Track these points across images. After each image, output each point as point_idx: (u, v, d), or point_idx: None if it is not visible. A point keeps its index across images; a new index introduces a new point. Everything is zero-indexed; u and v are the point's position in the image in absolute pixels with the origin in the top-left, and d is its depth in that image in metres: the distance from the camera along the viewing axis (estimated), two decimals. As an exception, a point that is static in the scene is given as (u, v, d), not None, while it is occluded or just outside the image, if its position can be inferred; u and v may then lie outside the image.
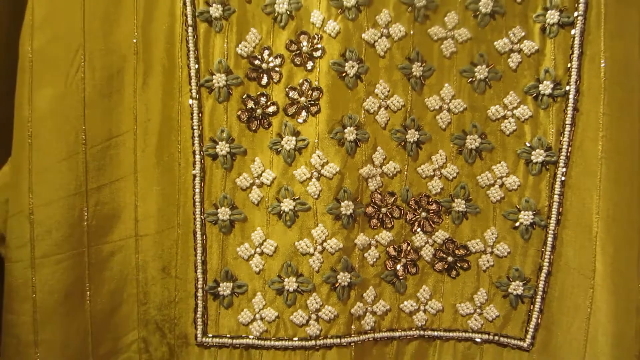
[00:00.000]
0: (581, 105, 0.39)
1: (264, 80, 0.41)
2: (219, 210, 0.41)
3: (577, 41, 0.39)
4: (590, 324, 0.40)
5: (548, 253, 0.41)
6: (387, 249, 0.42)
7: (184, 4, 0.40)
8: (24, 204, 0.39)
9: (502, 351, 0.43)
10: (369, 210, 0.42)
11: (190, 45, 0.40)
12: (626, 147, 0.38)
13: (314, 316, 0.41)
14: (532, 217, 0.41)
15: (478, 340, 0.42)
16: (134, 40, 0.40)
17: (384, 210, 0.41)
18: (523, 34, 0.40)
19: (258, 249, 0.42)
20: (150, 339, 0.43)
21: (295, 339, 0.41)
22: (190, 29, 0.40)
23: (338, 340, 0.42)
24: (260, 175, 0.41)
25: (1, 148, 0.43)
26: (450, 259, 0.41)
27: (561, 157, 0.40)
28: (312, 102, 0.39)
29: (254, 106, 0.40)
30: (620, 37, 0.39)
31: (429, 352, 0.43)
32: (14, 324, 0.40)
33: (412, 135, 0.40)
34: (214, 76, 0.40)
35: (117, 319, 0.42)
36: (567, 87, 0.39)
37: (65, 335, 0.41)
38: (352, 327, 0.42)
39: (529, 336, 0.42)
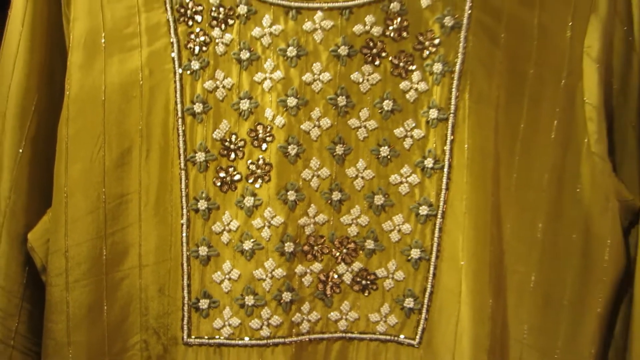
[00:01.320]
0: (452, 176, 0.52)
1: (232, 157, 0.52)
2: (199, 248, 0.53)
3: (449, 131, 0.51)
4: (457, 328, 0.52)
5: (430, 278, 0.53)
6: (319, 275, 0.54)
7: (175, 102, 0.52)
8: (61, 244, 0.51)
9: (399, 347, 0.54)
10: (305, 248, 0.53)
11: (180, 131, 0.52)
12: (481, 205, 0.51)
13: (265, 323, 0.53)
14: (420, 253, 0.53)
15: (383, 339, 0.54)
16: (140, 127, 0.52)
17: (316, 248, 0.53)
18: (414, 124, 0.52)
19: (227, 276, 0.53)
20: (149, 340, 0.54)
21: (253, 339, 0.53)
22: (180, 120, 0.52)
23: (283, 340, 0.53)
24: (229, 224, 0.53)
25: (43, 203, 0.54)
26: (364, 282, 0.54)
27: (439, 211, 0.52)
28: (265, 173, 0.52)
29: (224, 175, 0.53)
30: (479, 128, 0.52)
31: (349, 349, 0.55)
32: (52, 330, 0.52)
33: (336, 196, 0.53)
34: (196, 154, 0.52)
35: (125, 326, 0.54)
36: (444, 163, 0.52)
37: (89, 338, 0.53)
38: (293, 330, 0.54)
39: (417, 337, 0.54)
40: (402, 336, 0.54)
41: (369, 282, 0.54)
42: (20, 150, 0.53)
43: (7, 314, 0.53)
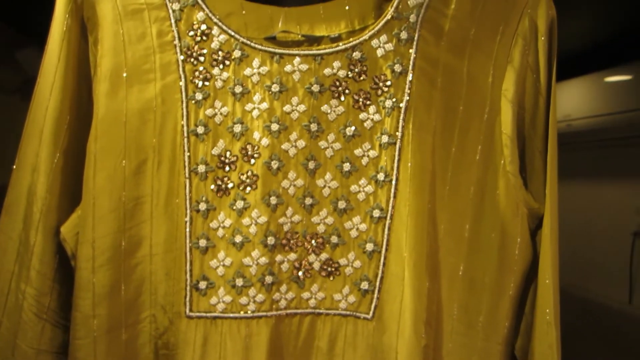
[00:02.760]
0: (398, 187, 0.62)
1: (227, 169, 0.63)
2: (199, 241, 0.62)
3: (397, 152, 0.62)
4: (402, 305, 0.61)
5: (381, 267, 0.63)
6: (294, 263, 0.64)
7: (182, 125, 0.62)
8: (89, 236, 0.60)
9: (357, 320, 0.64)
10: (284, 242, 0.63)
11: (185, 148, 0.62)
12: (420, 210, 0.62)
13: (252, 300, 0.62)
14: (373, 247, 0.63)
15: (344, 314, 0.64)
16: (153, 144, 0.62)
17: (292, 242, 0.64)
18: (370, 147, 0.63)
19: (221, 263, 0.63)
20: (157, 314, 0.62)
21: (242, 313, 0.63)
22: (185, 139, 0.62)
23: (265, 313, 0.63)
24: (223, 222, 0.63)
25: (71, 202, 0.64)
26: (329, 269, 0.64)
27: (388, 214, 0.63)
28: (253, 182, 0.63)
29: (220, 183, 0.63)
30: (420, 150, 0.63)
31: (317, 322, 0.64)
32: (80, 305, 0.60)
33: (308, 201, 0.64)
34: (198, 166, 0.62)
35: (138, 302, 0.62)
36: (392, 177, 0.63)
37: (110, 312, 0.61)
38: (273, 306, 0.63)
39: (371, 312, 0.63)
40: (359, 312, 0.64)
41: (333, 269, 0.65)
42: (55, 160, 0.62)
43: (41, 293, 0.62)
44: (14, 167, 0.65)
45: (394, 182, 0.64)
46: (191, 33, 0.64)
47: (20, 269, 0.63)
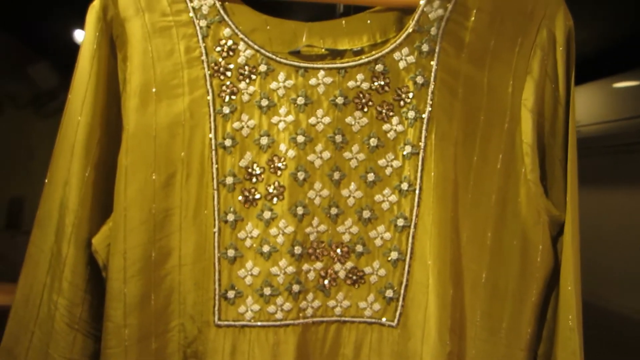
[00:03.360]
0: (422, 196, 0.64)
1: (254, 180, 0.64)
2: (228, 251, 0.64)
3: (420, 162, 0.64)
4: (426, 312, 0.62)
5: (406, 274, 0.64)
6: (320, 272, 0.65)
7: (210, 138, 0.64)
8: (120, 247, 0.62)
9: (382, 328, 0.65)
10: (310, 251, 0.65)
11: (213, 160, 0.64)
12: (443, 218, 0.63)
13: (279, 308, 0.64)
14: (398, 255, 0.64)
15: (369, 322, 0.65)
16: (182, 157, 0.63)
17: (318, 251, 0.65)
18: (393, 157, 0.65)
19: (249, 272, 0.64)
20: (186, 323, 0.64)
21: (270, 321, 0.64)
22: (213, 152, 0.64)
23: (292, 322, 0.64)
24: (251, 232, 0.64)
25: (102, 215, 0.66)
26: (354, 277, 0.65)
27: (412, 223, 0.64)
28: (280, 193, 0.64)
29: (248, 194, 0.64)
30: (442, 160, 0.64)
31: (343, 329, 0.65)
32: (112, 315, 0.62)
33: (333, 211, 0.65)
34: (226, 178, 0.64)
35: (167, 312, 0.64)
36: (416, 187, 0.64)
37: (140, 321, 0.63)
38: (300, 314, 0.64)
39: (396, 319, 0.64)
40: (384, 319, 0.66)
41: (358, 277, 0.66)
42: (86, 174, 0.64)
43: (73, 304, 0.64)
44: (46, 181, 0.66)
45: (417, 192, 0.66)
46: (218, 49, 0.65)
47: (53, 280, 0.64)
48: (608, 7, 1.37)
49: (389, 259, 0.66)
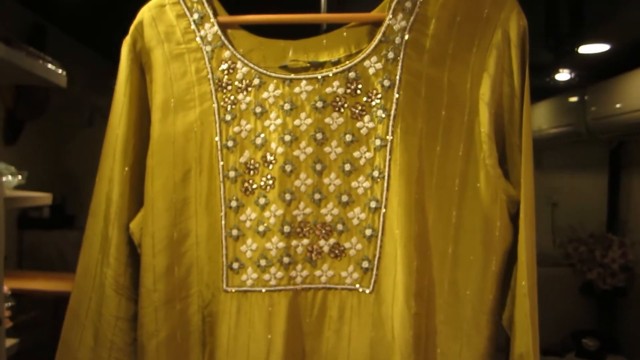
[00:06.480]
0: (390, 182, 0.75)
1: (251, 173, 0.77)
2: (232, 230, 0.77)
3: (387, 153, 0.75)
4: (395, 279, 0.72)
5: (378, 248, 0.74)
6: (307, 247, 0.76)
7: (217, 140, 0.78)
8: (149, 229, 0.78)
9: (360, 293, 0.75)
10: (298, 230, 0.76)
11: (219, 158, 0.77)
12: (408, 200, 0.74)
13: (273, 277, 0.76)
14: (371, 232, 0.74)
15: (349, 288, 0.75)
16: (195, 157, 0.78)
17: (305, 230, 0.76)
18: (366, 149, 0.75)
19: (249, 248, 0.77)
20: (203, 290, 0.77)
21: (266, 287, 0.76)
22: (219, 151, 0.78)
23: (284, 287, 0.76)
24: (250, 215, 0.77)
25: (137, 204, 0.84)
26: (336, 251, 0.77)
27: (382, 205, 0.75)
28: (272, 182, 0.78)
29: (247, 185, 0.78)
30: (407, 151, 0.75)
31: (328, 295, 0.76)
32: (144, 282, 0.78)
33: (317, 196, 0.77)
34: (230, 172, 0.78)
35: (188, 281, 0.78)
36: (385, 174, 0.75)
37: (166, 287, 0.77)
38: (291, 282, 0.76)
39: (371, 286, 0.75)
40: (362, 286, 0.77)
41: (339, 252, 0.78)
42: (124, 172, 0.80)
43: (118, 274, 0.81)
44: (96, 179, 0.85)
45: (386, 178, 0.77)
46: (221, 68, 0.81)
47: (103, 257, 0.81)
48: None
49: (365, 235, 0.77)
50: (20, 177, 1.56)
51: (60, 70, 1.66)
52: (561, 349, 2.80)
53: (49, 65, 1.61)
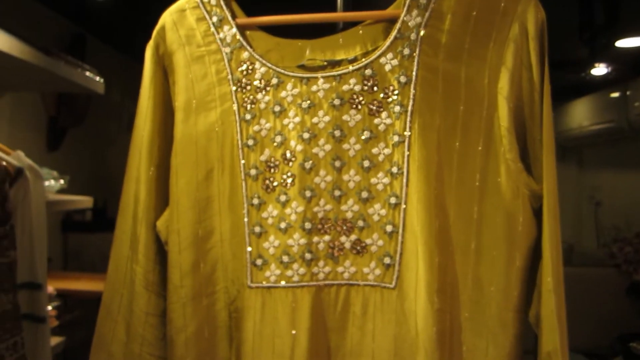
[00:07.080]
0: (410, 177, 0.75)
1: (272, 171, 0.79)
2: (255, 227, 0.78)
3: (406, 149, 0.75)
4: (417, 275, 0.72)
5: (400, 244, 0.74)
6: (329, 243, 0.77)
7: (237, 139, 0.80)
8: (175, 227, 0.80)
9: (382, 289, 0.75)
10: (319, 226, 0.77)
11: (241, 157, 0.79)
12: (428, 196, 0.74)
13: (295, 273, 0.76)
14: (392, 228, 0.74)
15: (372, 284, 0.75)
16: (217, 156, 0.79)
17: (326, 226, 0.77)
18: (384, 145, 0.76)
19: (272, 244, 0.78)
20: (228, 286, 0.79)
21: (288, 283, 0.77)
22: (240, 150, 0.80)
23: (307, 284, 0.76)
24: (272, 212, 0.78)
25: (163, 203, 0.87)
26: (358, 248, 0.77)
27: (402, 201, 0.75)
28: (292, 180, 0.79)
29: (268, 182, 0.79)
30: (425, 146, 0.75)
31: (351, 291, 0.76)
32: (171, 278, 0.80)
33: (337, 193, 0.78)
34: (251, 170, 0.79)
35: (214, 277, 0.80)
36: (404, 170, 0.75)
37: (193, 283, 0.79)
38: (313, 278, 0.76)
39: (393, 282, 0.75)
40: (384, 282, 0.76)
41: (361, 248, 0.78)
42: (150, 172, 0.83)
43: (147, 271, 0.83)
44: (124, 179, 0.88)
45: (405, 174, 0.77)
46: (240, 69, 0.83)
47: (132, 254, 0.84)
48: None
49: (386, 231, 0.77)
50: (62, 181, 1.62)
51: (97, 78, 1.73)
52: (608, 353, 2.72)
53: (87, 73, 1.67)
